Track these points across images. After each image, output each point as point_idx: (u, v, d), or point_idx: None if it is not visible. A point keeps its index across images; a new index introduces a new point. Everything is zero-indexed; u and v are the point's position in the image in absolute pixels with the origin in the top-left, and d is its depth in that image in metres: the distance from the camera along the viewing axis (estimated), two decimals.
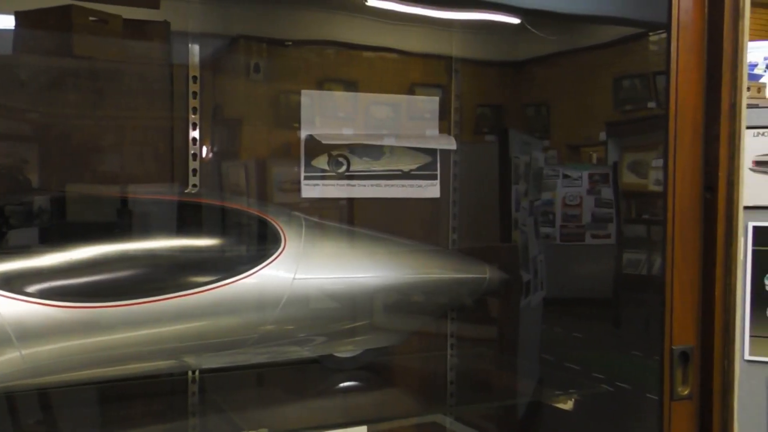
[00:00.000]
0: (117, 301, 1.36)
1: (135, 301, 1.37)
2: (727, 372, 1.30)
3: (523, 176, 2.16)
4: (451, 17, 1.92)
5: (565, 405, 2.01)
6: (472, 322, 2.11)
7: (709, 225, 1.30)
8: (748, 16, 1.26)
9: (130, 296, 1.37)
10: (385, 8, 1.76)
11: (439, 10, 1.86)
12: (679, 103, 1.28)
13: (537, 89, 2.27)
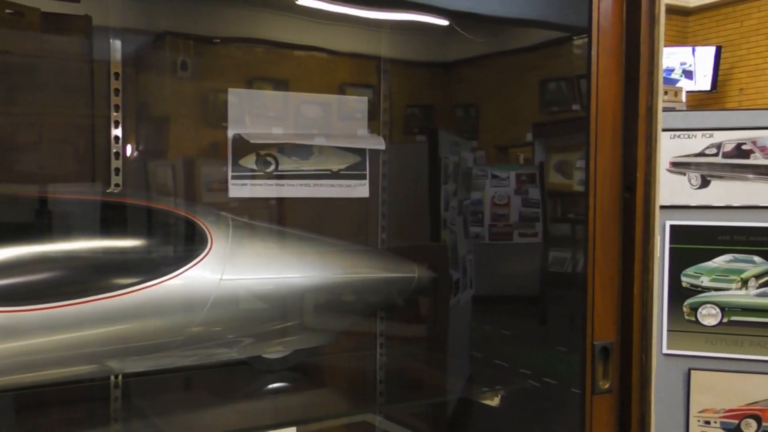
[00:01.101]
0: (35, 304, 1.31)
1: (54, 304, 1.32)
2: (645, 366, 1.34)
3: (452, 176, 2.18)
4: (380, 17, 1.93)
5: (494, 401, 2.05)
6: (401, 321, 2.12)
7: (628, 224, 1.34)
8: (663, 22, 1.30)
9: (49, 299, 1.32)
10: (314, 7, 1.75)
11: (368, 10, 1.86)
12: (599, 106, 1.32)
13: (466, 90, 2.30)
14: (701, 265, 2.69)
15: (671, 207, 2.69)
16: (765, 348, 2.64)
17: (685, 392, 2.70)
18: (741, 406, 2.66)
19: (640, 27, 1.31)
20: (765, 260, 2.63)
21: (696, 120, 2.71)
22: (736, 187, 2.65)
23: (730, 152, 2.65)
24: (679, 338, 2.71)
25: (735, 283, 2.66)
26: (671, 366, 2.72)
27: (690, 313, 2.69)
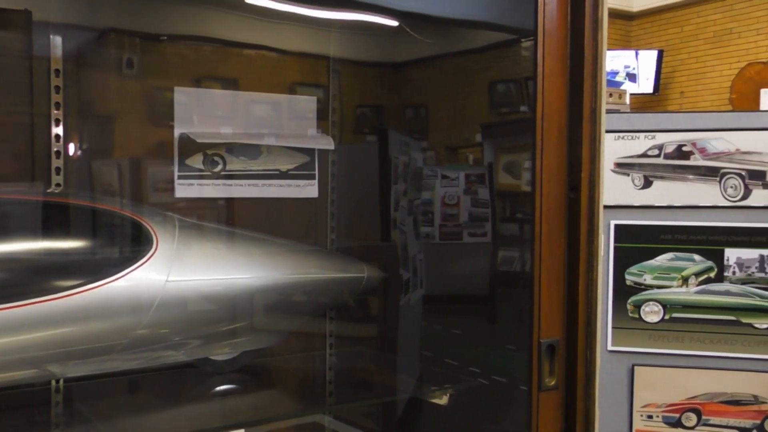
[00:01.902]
0: None
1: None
2: (589, 362, 1.37)
3: (402, 176, 2.19)
4: (329, 17, 1.92)
5: (443, 400, 2.06)
6: (351, 321, 2.12)
7: (573, 223, 1.37)
8: (606, 27, 1.33)
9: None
10: (263, 6, 1.74)
11: (317, 10, 1.85)
12: (545, 107, 1.34)
13: (416, 91, 2.31)
14: (644, 263, 2.75)
15: (615, 207, 2.75)
16: (704, 344, 2.72)
17: (629, 387, 2.77)
18: (682, 400, 2.73)
19: (584, 31, 1.33)
20: (704, 258, 2.71)
21: (639, 122, 2.77)
22: (677, 188, 2.72)
23: (671, 153, 2.72)
24: (624, 335, 2.77)
25: (676, 280, 2.73)
26: (616, 362, 2.78)
27: (634, 311, 2.76)
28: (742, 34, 8.06)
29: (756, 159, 2.67)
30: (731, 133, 2.70)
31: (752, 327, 2.69)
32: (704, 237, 2.72)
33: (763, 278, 2.68)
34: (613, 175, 2.76)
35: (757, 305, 2.68)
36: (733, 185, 2.68)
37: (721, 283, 2.70)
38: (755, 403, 2.69)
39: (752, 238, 2.68)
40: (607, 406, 2.77)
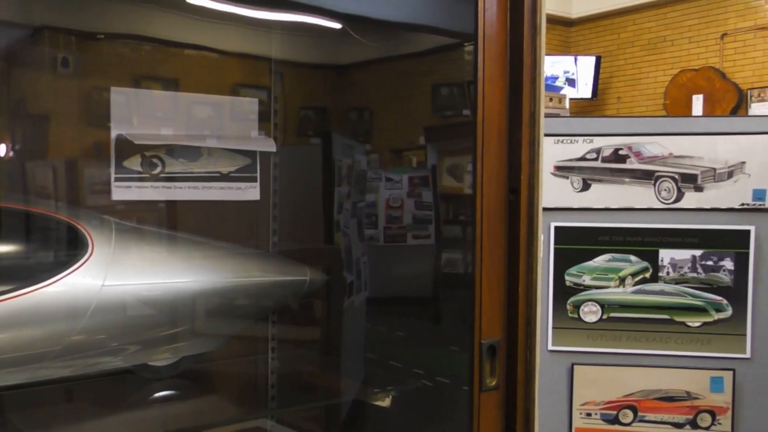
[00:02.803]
0: None
1: None
2: (529, 362, 1.39)
3: (345, 179, 2.18)
4: (272, 18, 1.91)
5: (387, 402, 2.06)
6: (294, 325, 2.10)
7: (513, 225, 1.39)
8: (544, 32, 1.35)
9: None
10: (205, 6, 1.71)
11: (259, 11, 1.84)
12: (486, 111, 1.36)
13: (360, 93, 2.31)
14: (583, 264, 2.82)
15: (555, 209, 2.81)
16: (640, 342, 2.79)
17: (569, 386, 2.82)
18: (619, 397, 2.80)
19: (523, 36, 1.35)
20: (640, 259, 2.79)
21: (577, 126, 2.84)
22: (614, 190, 2.79)
23: (609, 157, 2.79)
24: (563, 335, 2.83)
25: (613, 281, 2.80)
26: (556, 361, 2.83)
27: (573, 311, 2.82)
28: (675, 41, 8.33)
29: (688, 163, 2.76)
30: (665, 137, 2.78)
31: (685, 325, 2.77)
32: (640, 238, 2.79)
33: (695, 278, 2.77)
34: (553, 178, 2.81)
35: (690, 304, 2.77)
36: (667, 188, 2.76)
37: (656, 283, 2.79)
38: (688, 399, 2.77)
39: (685, 240, 2.77)
40: (548, 405, 2.82)
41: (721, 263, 2.76)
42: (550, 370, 2.82)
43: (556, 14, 8.98)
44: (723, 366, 2.76)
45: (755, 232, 2.72)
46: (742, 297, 2.74)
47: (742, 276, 2.74)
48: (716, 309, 2.76)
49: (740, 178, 2.74)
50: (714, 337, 2.76)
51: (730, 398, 2.75)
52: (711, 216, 2.76)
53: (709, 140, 2.76)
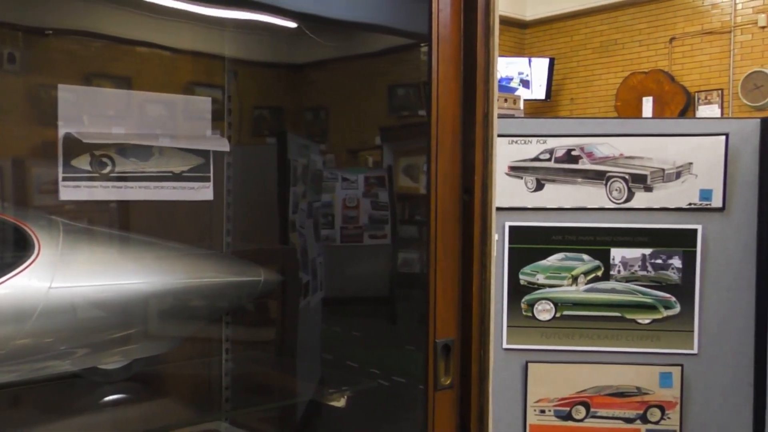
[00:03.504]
0: None
1: None
2: (483, 361, 1.40)
3: (301, 179, 2.17)
4: (226, 16, 1.89)
5: (343, 402, 2.06)
6: (249, 326, 2.09)
7: (467, 225, 1.40)
8: (497, 34, 1.37)
9: None
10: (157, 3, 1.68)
11: (213, 8, 1.82)
12: (440, 111, 1.37)
13: (316, 93, 2.30)
14: (537, 263, 2.85)
15: (509, 209, 2.84)
16: (592, 339, 2.84)
17: (523, 384, 2.86)
18: (572, 394, 2.85)
19: (476, 37, 1.36)
20: (592, 258, 2.84)
21: (531, 127, 2.87)
22: (567, 190, 2.84)
23: (562, 157, 2.84)
24: (518, 333, 2.86)
25: (566, 280, 2.85)
26: (510, 359, 2.86)
27: (527, 309, 2.85)
28: (626, 45, 8.51)
29: (638, 163, 2.82)
30: (616, 138, 2.84)
31: (636, 322, 2.83)
32: (592, 237, 2.84)
33: (645, 276, 2.83)
34: (507, 178, 2.84)
35: (640, 302, 2.83)
36: (618, 188, 2.82)
37: (608, 282, 2.84)
38: (638, 394, 2.83)
39: (635, 239, 2.82)
40: (503, 402, 2.86)
41: (669, 261, 2.82)
42: (504, 368, 2.85)
43: (510, 16, 9.09)
44: (672, 362, 2.83)
45: (702, 231, 2.80)
46: (690, 294, 2.81)
47: (689, 274, 2.80)
48: (665, 306, 2.83)
49: (688, 178, 2.80)
50: (663, 334, 2.82)
51: (679, 393, 2.82)
52: (660, 215, 2.82)
53: (659, 141, 2.82)
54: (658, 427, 2.83)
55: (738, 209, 2.80)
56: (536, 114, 8.91)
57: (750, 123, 2.81)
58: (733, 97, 7.53)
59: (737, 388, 2.83)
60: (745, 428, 2.83)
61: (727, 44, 7.65)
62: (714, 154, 2.78)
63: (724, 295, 2.81)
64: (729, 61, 7.61)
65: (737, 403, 2.83)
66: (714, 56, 7.76)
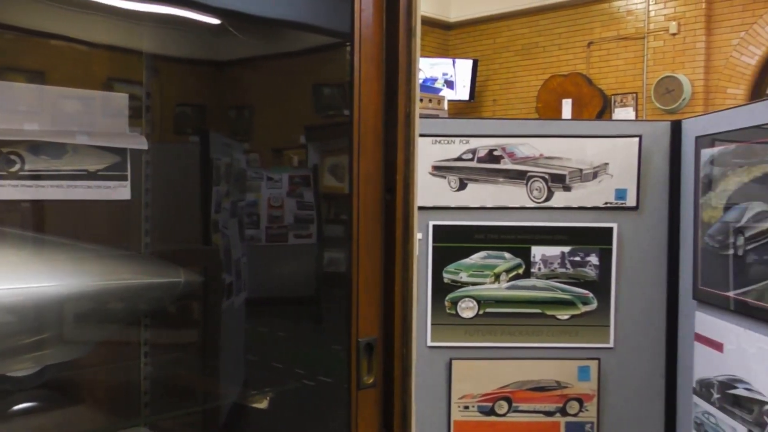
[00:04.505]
0: None
1: None
2: (406, 359, 1.41)
3: (224, 178, 2.14)
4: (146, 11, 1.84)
5: (267, 404, 2.04)
6: (169, 328, 2.04)
7: (389, 224, 1.41)
8: (419, 34, 1.38)
9: None
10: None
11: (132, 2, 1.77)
12: (362, 111, 1.37)
13: (240, 91, 2.27)
14: (460, 261, 2.90)
15: (433, 208, 2.87)
16: (514, 335, 2.90)
17: (447, 381, 2.89)
18: (494, 389, 2.91)
19: (398, 38, 1.37)
20: (513, 256, 2.90)
21: (454, 127, 2.91)
22: (489, 190, 2.89)
23: (484, 157, 2.89)
24: (442, 331, 2.89)
25: (489, 277, 2.90)
26: (434, 357, 2.90)
27: (451, 307, 2.89)
28: (546, 48, 8.74)
29: (557, 164, 2.89)
30: (536, 139, 2.91)
31: (555, 318, 2.91)
32: (513, 236, 2.90)
33: (564, 273, 2.91)
34: (431, 177, 2.87)
35: (559, 298, 2.90)
36: (538, 188, 2.89)
37: (528, 279, 2.90)
38: (558, 388, 2.91)
39: (554, 237, 2.90)
40: (428, 400, 2.89)
41: (587, 259, 2.91)
42: (429, 365, 2.88)
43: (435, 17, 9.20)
44: (589, 356, 2.92)
45: (617, 229, 2.90)
46: (606, 290, 2.90)
47: (605, 271, 2.90)
48: (583, 302, 2.91)
49: (604, 178, 2.90)
50: (581, 329, 2.91)
51: (596, 386, 2.92)
52: (578, 214, 2.90)
53: (577, 142, 2.90)
54: (577, 420, 2.92)
55: (650, 208, 2.91)
56: (460, 114, 9.05)
57: (661, 125, 2.93)
58: (647, 101, 7.84)
59: (650, 379, 2.94)
60: (657, 418, 2.95)
61: (641, 50, 7.95)
62: (628, 155, 2.88)
63: (637, 290, 2.92)
64: (643, 66, 7.92)
65: (650, 394, 2.95)
66: (629, 61, 8.06)
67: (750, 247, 2.36)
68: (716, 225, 2.57)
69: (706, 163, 2.66)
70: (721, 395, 2.53)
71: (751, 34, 7.29)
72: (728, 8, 7.45)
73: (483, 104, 9.29)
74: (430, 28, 9.25)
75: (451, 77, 8.88)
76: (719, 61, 7.47)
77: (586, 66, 8.35)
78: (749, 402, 2.37)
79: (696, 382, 2.71)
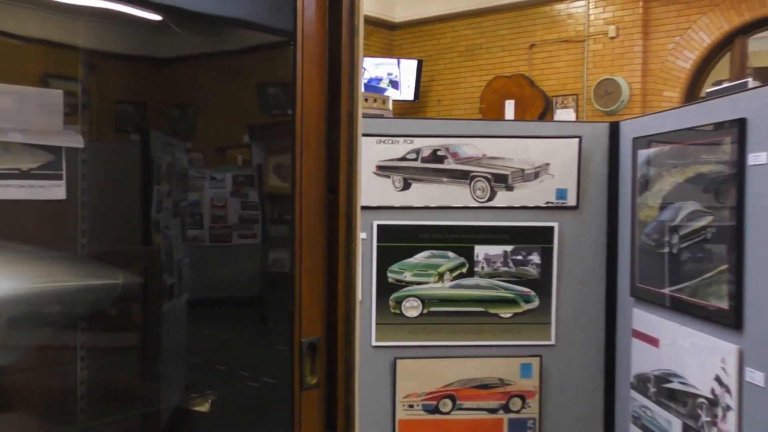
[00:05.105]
0: None
1: None
2: (349, 359, 1.41)
3: (165, 177, 2.10)
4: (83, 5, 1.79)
5: (209, 407, 2.01)
6: (107, 331, 1.99)
7: (332, 224, 1.40)
8: (362, 34, 1.38)
9: None
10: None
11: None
12: (304, 110, 1.36)
13: (182, 90, 2.23)
14: (405, 261, 2.91)
15: (377, 208, 2.88)
16: (458, 334, 2.93)
17: (392, 380, 2.90)
18: (439, 388, 2.93)
19: (341, 37, 1.37)
20: (457, 255, 2.93)
21: (398, 127, 2.92)
22: (433, 189, 2.91)
23: (428, 157, 2.91)
24: (386, 330, 2.90)
25: (433, 277, 2.92)
26: (379, 357, 2.90)
27: (395, 307, 2.90)
28: (490, 49, 8.85)
29: (500, 164, 2.94)
30: (479, 139, 2.94)
31: (498, 317, 2.95)
32: (457, 235, 2.93)
33: (507, 272, 2.95)
34: (375, 177, 2.88)
35: (502, 297, 2.95)
36: (481, 187, 2.92)
37: (472, 278, 2.94)
38: (501, 385, 2.96)
39: (497, 236, 2.94)
40: (373, 399, 2.89)
41: (529, 257, 2.96)
42: (374, 365, 2.89)
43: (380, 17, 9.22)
44: (531, 353, 2.97)
45: (558, 228, 2.95)
46: (547, 288, 2.96)
47: (547, 269, 2.96)
48: (525, 300, 2.96)
49: (545, 178, 2.95)
50: (523, 327, 2.96)
51: (538, 382, 2.97)
52: (520, 213, 2.95)
53: (519, 143, 2.95)
54: (520, 416, 2.97)
55: (590, 207, 2.98)
56: (405, 114, 9.09)
57: (600, 127, 3.00)
58: (587, 102, 8.02)
59: (590, 375, 3.01)
60: (597, 413, 3.02)
61: (582, 52, 8.13)
62: (569, 155, 2.94)
63: (577, 288, 2.98)
64: (583, 68, 8.10)
65: (590, 389, 3.01)
66: (570, 63, 8.23)
67: (684, 245, 2.43)
68: (652, 224, 2.65)
69: (642, 163, 2.73)
70: (657, 389, 2.61)
71: (685, 39, 7.53)
72: (664, 14, 7.67)
73: (427, 104, 9.36)
74: (375, 28, 9.27)
75: (395, 77, 8.92)
76: (656, 65, 7.69)
77: (529, 67, 8.49)
78: (684, 395, 2.45)
79: (633, 377, 2.79)
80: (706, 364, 2.32)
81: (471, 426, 2.94)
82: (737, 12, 7.24)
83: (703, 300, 2.33)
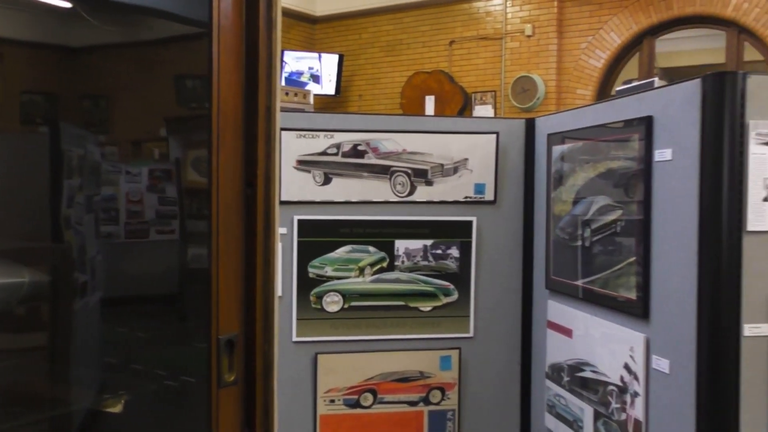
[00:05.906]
0: None
1: None
2: (268, 356, 1.40)
3: (76, 171, 2.02)
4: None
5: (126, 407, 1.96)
6: (12, 332, 1.91)
7: (250, 219, 1.39)
8: (279, 27, 1.37)
9: None
10: None
11: None
12: (221, 104, 1.34)
13: (94, 80, 2.15)
14: (325, 256, 2.90)
15: (298, 202, 2.86)
16: (379, 328, 2.95)
17: (313, 375, 2.90)
18: (360, 382, 2.94)
19: (258, 30, 1.35)
20: (378, 250, 2.94)
21: (319, 121, 2.91)
22: (354, 184, 2.91)
23: (348, 152, 2.91)
24: (307, 325, 2.89)
25: (354, 271, 2.93)
26: (300, 352, 2.89)
27: (316, 302, 2.89)
28: (410, 45, 8.93)
29: (420, 159, 2.96)
30: (400, 134, 2.96)
31: (418, 310, 2.98)
32: (378, 230, 2.95)
33: (426, 266, 2.99)
34: (295, 172, 2.86)
35: (422, 290, 2.98)
36: (401, 182, 2.95)
37: (392, 272, 2.96)
38: (421, 378, 2.99)
39: (417, 230, 2.97)
40: (293, 395, 2.88)
41: (448, 251, 3.00)
42: (294, 361, 2.87)
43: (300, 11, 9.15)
44: (451, 345, 3.02)
45: (476, 222, 3.01)
46: (466, 282, 3.01)
47: (465, 263, 3.01)
48: (445, 294, 3.01)
49: (464, 173, 3.00)
50: (443, 320, 3.00)
51: (457, 374, 3.02)
52: (440, 208, 2.99)
53: (439, 138, 2.98)
54: (439, 408, 3.01)
55: (507, 202, 3.05)
56: (326, 109, 9.06)
57: (517, 123, 3.07)
58: (505, 99, 8.19)
59: (507, 366, 3.09)
60: (514, 403, 3.10)
61: (499, 50, 8.30)
62: (487, 151, 3.00)
63: (495, 281, 3.05)
64: (501, 66, 8.27)
65: (507, 380, 3.09)
66: (488, 60, 8.39)
67: (596, 238, 2.52)
68: (566, 218, 2.73)
69: (557, 159, 2.81)
70: (571, 378, 2.70)
71: (597, 39, 7.80)
72: (577, 14, 7.92)
73: (349, 99, 9.36)
74: (296, 22, 9.20)
75: (317, 71, 8.87)
76: (570, 63, 7.93)
77: (449, 64, 8.61)
78: (595, 383, 2.54)
79: (548, 366, 2.87)
80: (615, 352, 2.41)
81: (392, 419, 2.96)
82: (645, 14, 7.55)
83: (613, 291, 2.42)
